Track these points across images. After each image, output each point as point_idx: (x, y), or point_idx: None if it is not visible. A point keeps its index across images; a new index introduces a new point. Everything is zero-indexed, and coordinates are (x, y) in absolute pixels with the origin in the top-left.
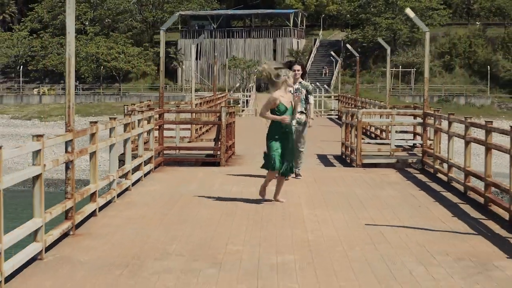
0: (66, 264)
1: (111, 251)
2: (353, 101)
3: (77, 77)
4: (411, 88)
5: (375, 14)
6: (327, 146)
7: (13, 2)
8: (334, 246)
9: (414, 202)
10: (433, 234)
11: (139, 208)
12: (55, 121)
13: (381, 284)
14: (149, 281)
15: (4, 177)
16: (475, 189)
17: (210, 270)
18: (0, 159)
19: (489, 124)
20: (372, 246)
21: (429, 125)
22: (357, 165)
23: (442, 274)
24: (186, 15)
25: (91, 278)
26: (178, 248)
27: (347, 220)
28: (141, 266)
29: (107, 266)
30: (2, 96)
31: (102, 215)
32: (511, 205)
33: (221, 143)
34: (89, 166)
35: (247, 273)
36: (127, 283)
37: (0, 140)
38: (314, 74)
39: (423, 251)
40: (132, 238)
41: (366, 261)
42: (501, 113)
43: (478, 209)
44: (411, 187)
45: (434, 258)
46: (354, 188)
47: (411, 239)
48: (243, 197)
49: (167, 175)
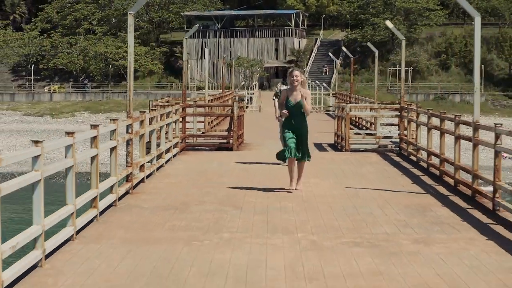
0: (134, 208)
1: (163, 201)
2: (348, 98)
3: (86, 76)
4: (408, 86)
5: (374, 14)
6: (323, 136)
7: (23, 3)
8: (321, 199)
9: (385, 174)
10: (394, 193)
11: (175, 177)
12: (66, 118)
13: (349, 217)
14: (194, 216)
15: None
16: (433, 165)
17: (234, 211)
18: (98, 137)
19: (442, 114)
20: (348, 200)
21: (404, 117)
22: (346, 150)
23: (392, 213)
24: (191, 15)
25: (154, 215)
26: (210, 199)
27: (332, 185)
28: (187, 209)
29: (163, 209)
30: (14, 94)
31: (148, 181)
32: (455, 174)
33: (233, 132)
34: (139, 145)
35: (259, 213)
36: (179, 217)
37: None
38: (315, 73)
39: (384, 202)
40: (176, 194)
41: (342, 207)
42: (495, 110)
43: (434, 179)
44: (386, 165)
45: (390, 206)
46: (341, 165)
47: (377, 196)
48: (253, 171)
49: (191, 157)
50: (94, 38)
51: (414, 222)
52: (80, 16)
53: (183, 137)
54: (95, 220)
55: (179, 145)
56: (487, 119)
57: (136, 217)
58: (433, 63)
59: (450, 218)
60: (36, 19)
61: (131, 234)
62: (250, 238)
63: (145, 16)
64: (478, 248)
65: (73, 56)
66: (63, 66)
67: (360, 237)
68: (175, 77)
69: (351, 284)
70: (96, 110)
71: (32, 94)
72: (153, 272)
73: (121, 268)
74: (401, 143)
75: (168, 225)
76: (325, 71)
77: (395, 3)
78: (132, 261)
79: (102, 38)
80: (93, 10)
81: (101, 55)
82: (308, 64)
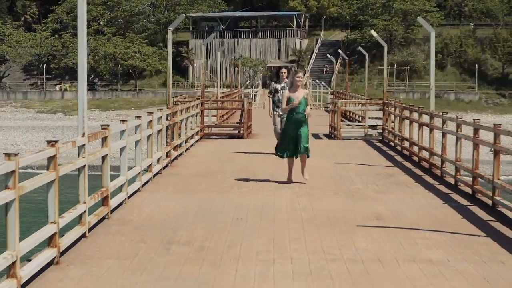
0: (175, 175)
1: (195, 171)
2: (343, 95)
3: (96, 75)
4: (405, 84)
5: (372, 16)
6: (320, 128)
7: (34, 4)
8: (315, 169)
9: (367, 155)
10: (370, 167)
11: (200, 157)
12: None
13: (334, 180)
14: (221, 179)
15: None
16: (405, 147)
17: (249, 176)
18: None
19: (411, 106)
20: (335, 170)
21: (385, 110)
22: (338, 138)
23: (365, 178)
24: (197, 16)
25: (191, 179)
26: (230, 170)
27: (324, 161)
28: (214, 175)
29: (196, 175)
30: (27, 92)
31: (180, 159)
32: (419, 153)
33: (243, 123)
34: (174, 130)
35: (268, 177)
36: (210, 179)
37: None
38: (316, 72)
39: (361, 172)
40: (204, 167)
41: (329, 174)
42: (488, 108)
43: (405, 158)
44: (369, 149)
45: (365, 174)
46: (332, 149)
47: (357, 168)
48: (261, 153)
49: (210, 143)
50: (103, 39)
51: (380, 183)
52: (89, 17)
53: (201, 127)
54: (151, 181)
55: (199, 133)
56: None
57: (178, 180)
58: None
59: (407, 181)
60: (47, 20)
61: (178, 189)
62: (262, 191)
63: (152, 17)
64: (419, 196)
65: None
66: (74, 65)
67: (339, 190)
68: (181, 76)
69: (330, 214)
70: (106, 108)
71: (44, 92)
72: (198, 209)
73: (176, 207)
74: (383, 132)
75: (203, 184)
76: (326, 70)
77: (393, 5)
78: (183, 203)
79: (111, 38)
80: (102, 11)
81: (110, 55)
82: (309, 64)
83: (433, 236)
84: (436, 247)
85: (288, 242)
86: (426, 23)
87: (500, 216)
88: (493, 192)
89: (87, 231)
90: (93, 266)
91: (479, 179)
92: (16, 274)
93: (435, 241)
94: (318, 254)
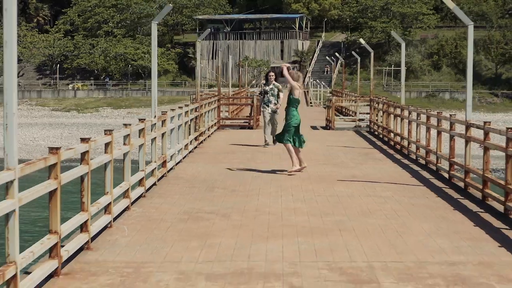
0: (202, 153)
1: (217, 150)
2: (340, 93)
3: (107, 74)
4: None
5: (371, 18)
6: (318, 122)
7: (46, 7)
8: (311, 150)
9: (354, 141)
10: (354, 148)
11: (220, 142)
12: (91, 113)
13: (325, 157)
14: (239, 155)
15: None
16: (385, 135)
17: (260, 154)
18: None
19: (390, 101)
20: (326, 151)
21: (372, 106)
22: (332, 129)
23: (349, 156)
24: (203, 19)
25: (216, 155)
26: (246, 149)
27: (318, 144)
28: (234, 153)
29: (219, 153)
30: (41, 91)
31: (204, 143)
32: (395, 137)
33: (253, 116)
34: (199, 120)
35: (274, 154)
36: (231, 155)
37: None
38: (317, 72)
39: (346, 151)
40: (224, 148)
41: (322, 152)
42: (481, 106)
43: (383, 143)
44: (356, 137)
45: (350, 153)
46: (326, 137)
47: (343, 149)
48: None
49: (225, 132)
50: (114, 40)
51: (359, 158)
52: (100, 19)
53: (218, 119)
54: (187, 156)
55: (216, 124)
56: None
57: (207, 156)
58: (426, 63)
59: (380, 157)
60: (59, 21)
61: (208, 161)
62: (271, 162)
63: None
64: (386, 166)
65: (95, 57)
66: (85, 65)
67: (328, 162)
68: (188, 76)
69: (320, 174)
70: (117, 106)
71: (57, 91)
72: (226, 172)
73: (210, 171)
74: (370, 124)
75: (226, 158)
76: (327, 70)
77: (392, 8)
78: (214, 169)
79: (122, 40)
80: (112, 13)
81: (121, 55)
82: (311, 64)
83: (388, 185)
84: (387, 190)
85: (290, 187)
86: (397, 36)
87: (439, 175)
88: (436, 160)
89: (156, 181)
90: (167, 197)
91: (430, 153)
92: (111, 210)
93: (387, 187)
94: (310, 192)
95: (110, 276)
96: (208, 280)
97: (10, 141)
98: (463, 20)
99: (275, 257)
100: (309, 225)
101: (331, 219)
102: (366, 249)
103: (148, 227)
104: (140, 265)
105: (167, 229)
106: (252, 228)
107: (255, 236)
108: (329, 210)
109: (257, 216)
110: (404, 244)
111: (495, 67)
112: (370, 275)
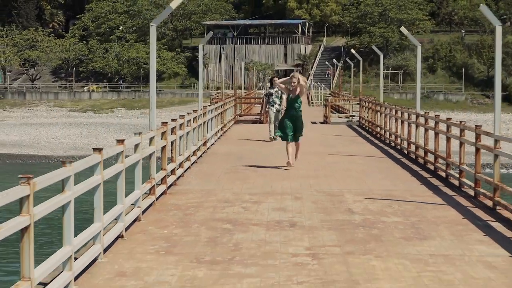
0: (227, 139)
1: (239, 136)
2: (337, 94)
3: (120, 77)
4: (399, 86)
5: (370, 24)
6: (317, 118)
7: (61, 12)
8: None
9: (344, 131)
10: (344, 137)
11: (239, 132)
12: (106, 113)
13: (320, 143)
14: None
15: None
16: (370, 127)
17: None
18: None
19: (373, 100)
20: (321, 137)
21: (361, 104)
22: (328, 123)
23: (340, 141)
24: (211, 24)
25: (238, 140)
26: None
27: (315, 134)
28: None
29: (240, 139)
30: (58, 93)
31: (227, 132)
32: (376, 129)
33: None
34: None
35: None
36: (251, 140)
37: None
38: (319, 75)
39: (337, 137)
40: (244, 135)
41: (319, 141)
42: (473, 107)
43: (368, 133)
44: (347, 129)
45: (339, 139)
46: (323, 129)
47: (336, 137)
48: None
49: (240, 126)
50: (126, 45)
51: (346, 142)
52: (113, 24)
53: (235, 115)
54: (218, 140)
55: (233, 119)
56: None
57: (231, 141)
58: (421, 66)
59: (362, 141)
60: (74, 27)
61: (234, 144)
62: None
63: (170, 25)
64: (366, 147)
65: (109, 60)
66: (100, 69)
67: (321, 145)
68: (196, 79)
69: (314, 151)
70: (131, 107)
71: (73, 93)
72: (250, 150)
73: (237, 150)
74: (360, 119)
75: (247, 142)
76: (328, 73)
77: (389, 14)
78: (240, 148)
79: (134, 44)
80: (124, 19)
81: (133, 59)
82: (313, 68)
83: (363, 157)
84: (361, 160)
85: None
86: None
87: (401, 152)
88: (401, 142)
89: (196, 159)
90: (212, 163)
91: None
92: (155, 191)
93: (363, 158)
94: (309, 161)
95: (195, 194)
96: (250, 195)
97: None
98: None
99: (286, 188)
100: (307, 174)
101: (321, 172)
102: (340, 185)
103: (205, 177)
104: (210, 190)
105: (218, 177)
106: (272, 175)
107: (274, 180)
108: (320, 168)
109: (274, 170)
110: (364, 183)
111: (487, 70)
112: (339, 194)
